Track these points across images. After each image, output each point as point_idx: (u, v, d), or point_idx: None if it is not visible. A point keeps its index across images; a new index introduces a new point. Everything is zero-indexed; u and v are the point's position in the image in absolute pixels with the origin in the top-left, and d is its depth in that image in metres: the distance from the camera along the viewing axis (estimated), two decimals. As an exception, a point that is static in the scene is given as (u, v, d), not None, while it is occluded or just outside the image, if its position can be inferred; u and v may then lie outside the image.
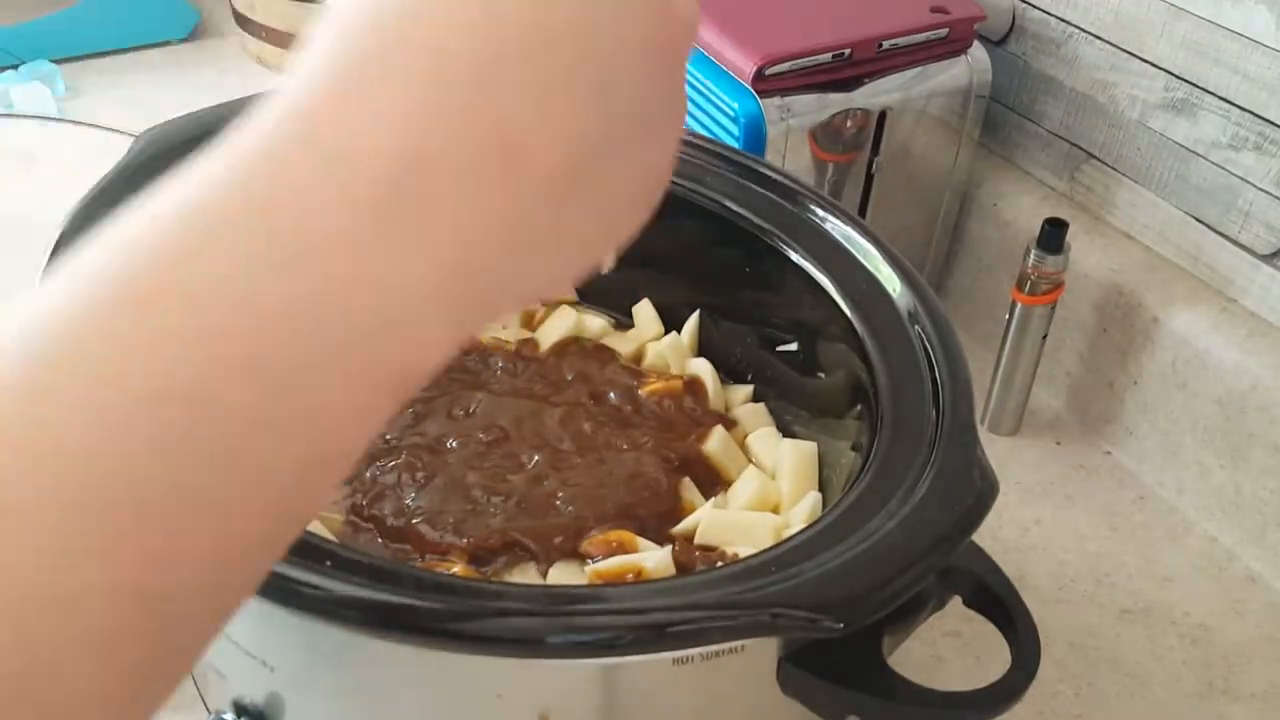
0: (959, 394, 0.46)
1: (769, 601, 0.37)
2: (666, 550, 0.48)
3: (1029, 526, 0.67)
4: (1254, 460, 0.64)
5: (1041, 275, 0.67)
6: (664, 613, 0.37)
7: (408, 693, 0.40)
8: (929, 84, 0.71)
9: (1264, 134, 0.63)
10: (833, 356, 0.54)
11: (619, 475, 0.52)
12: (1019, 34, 0.77)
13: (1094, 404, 0.74)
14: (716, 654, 0.38)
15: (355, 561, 0.37)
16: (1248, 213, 0.65)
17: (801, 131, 0.67)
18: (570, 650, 0.37)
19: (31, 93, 0.95)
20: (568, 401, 0.57)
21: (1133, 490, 0.70)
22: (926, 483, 0.42)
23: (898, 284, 0.51)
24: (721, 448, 0.55)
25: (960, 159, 0.75)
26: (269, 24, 1.00)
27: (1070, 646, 0.61)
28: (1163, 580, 0.65)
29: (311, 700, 0.43)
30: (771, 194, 0.57)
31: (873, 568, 0.39)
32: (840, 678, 0.39)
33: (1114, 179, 0.73)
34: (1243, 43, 0.63)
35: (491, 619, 0.36)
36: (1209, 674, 0.60)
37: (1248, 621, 0.63)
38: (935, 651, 0.59)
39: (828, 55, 0.67)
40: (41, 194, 0.87)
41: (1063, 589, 0.64)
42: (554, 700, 0.39)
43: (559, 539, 0.49)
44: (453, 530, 0.49)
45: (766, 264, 0.56)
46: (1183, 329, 0.67)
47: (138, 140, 0.53)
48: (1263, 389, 0.63)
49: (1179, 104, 0.68)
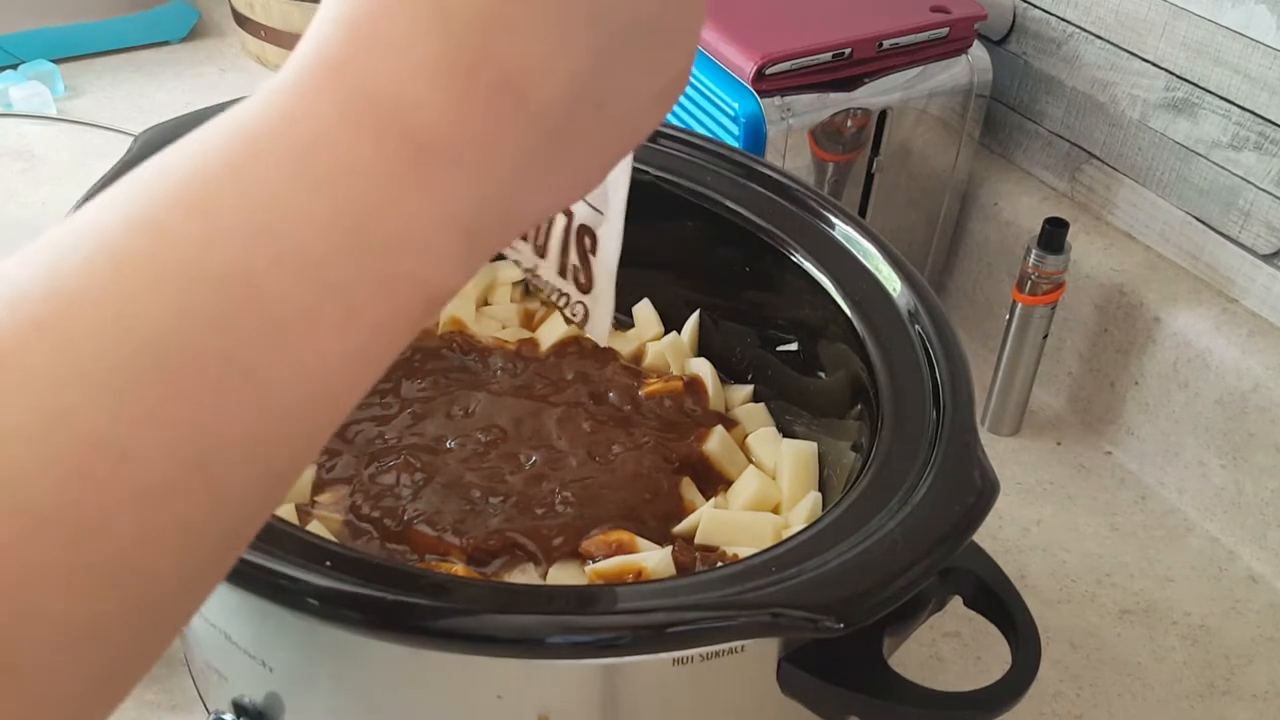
0: (959, 394, 0.46)
1: (769, 602, 0.37)
2: (666, 550, 0.48)
3: (1029, 526, 0.67)
4: (1255, 460, 0.64)
5: (1042, 275, 0.67)
6: (664, 613, 0.37)
7: (408, 693, 0.40)
8: (929, 84, 0.71)
9: (1264, 134, 0.63)
10: (833, 356, 0.54)
11: (619, 475, 0.52)
12: (1019, 33, 0.77)
13: (1094, 404, 0.73)
14: (716, 654, 0.38)
15: (355, 561, 0.37)
16: (1248, 213, 0.65)
17: (801, 131, 0.67)
18: (570, 650, 0.37)
19: (31, 93, 0.95)
20: (567, 401, 0.56)
21: (1133, 490, 0.70)
22: (926, 483, 0.42)
23: (898, 284, 0.51)
24: (721, 448, 0.55)
25: (960, 159, 0.75)
26: (269, 24, 1.00)
27: (1070, 646, 0.60)
28: (1163, 580, 0.65)
29: (311, 700, 0.43)
30: (771, 194, 0.57)
31: (873, 568, 0.39)
32: (840, 678, 0.39)
33: (1114, 179, 0.73)
34: (1243, 42, 0.63)
35: (491, 619, 0.36)
36: (1209, 674, 0.60)
37: (1248, 621, 0.63)
38: (935, 651, 0.59)
39: (828, 55, 0.67)
40: (41, 194, 0.87)
41: (1063, 589, 0.64)
42: (554, 700, 0.39)
43: (559, 539, 0.49)
44: (452, 530, 0.49)
45: (766, 264, 0.56)
46: (1184, 329, 0.67)
47: (137, 140, 0.53)
48: (1264, 389, 0.63)
49: (1179, 104, 0.68)
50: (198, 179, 0.22)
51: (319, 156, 0.23)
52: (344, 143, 0.23)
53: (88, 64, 1.02)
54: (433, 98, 0.23)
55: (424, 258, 0.24)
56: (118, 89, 1.00)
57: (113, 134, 0.94)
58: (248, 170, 0.22)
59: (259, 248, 0.22)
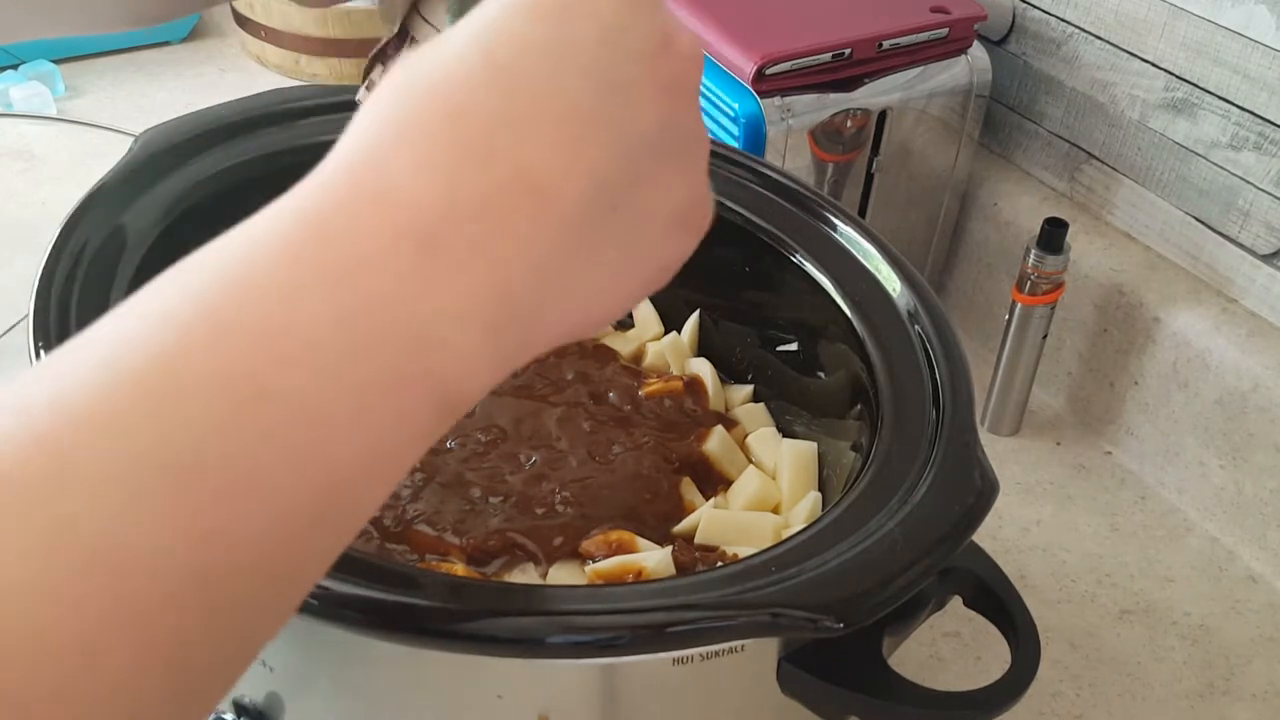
0: (959, 394, 0.46)
1: (769, 601, 0.37)
2: (666, 550, 0.48)
3: (1029, 526, 0.67)
4: (1255, 460, 0.64)
5: (1041, 275, 0.67)
6: (664, 613, 0.37)
7: (408, 693, 0.40)
8: (929, 84, 0.71)
9: (1264, 134, 0.63)
10: (833, 356, 0.54)
11: (619, 475, 0.52)
12: (1019, 34, 0.77)
13: (1094, 404, 0.73)
14: (716, 654, 0.38)
15: (355, 561, 0.37)
16: (1248, 213, 0.65)
17: (801, 131, 0.67)
18: (570, 650, 0.37)
19: (31, 93, 0.95)
20: (567, 401, 0.57)
21: (1133, 490, 0.70)
22: (926, 483, 0.42)
23: (898, 284, 0.51)
24: (721, 448, 0.55)
25: (960, 159, 0.75)
26: (269, 24, 1.00)
27: (1070, 646, 0.61)
28: (1163, 580, 0.65)
29: (311, 700, 0.43)
30: (771, 194, 0.57)
31: (873, 568, 0.39)
32: (840, 678, 0.39)
33: (1114, 179, 0.73)
34: (1243, 43, 0.63)
35: (491, 619, 0.36)
36: (1209, 674, 0.60)
37: (1248, 621, 0.63)
38: (935, 651, 0.59)
39: (828, 55, 0.67)
40: (41, 194, 0.87)
41: (1063, 589, 0.64)
42: (554, 700, 0.39)
43: (559, 539, 0.49)
44: (452, 530, 0.49)
45: (766, 264, 0.56)
46: (1183, 329, 0.67)
47: (137, 140, 0.53)
48: (1263, 389, 0.63)
49: (1179, 104, 0.68)
50: (207, 281, 0.22)
51: (328, 253, 0.23)
52: (353, 238, 0.23)
53: (88, 64, 1.02)
54: (443, 192, 0.24)
55: (440, 354, 0.24)
56: (118, 89, 1.00)
57: (113, 134, 0.94)
58: (255, 270, 0.22)
59: (265, 347, 0.22)
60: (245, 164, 0.54)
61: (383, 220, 0.23)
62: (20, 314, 0.70)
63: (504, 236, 0.24)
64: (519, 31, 0.25)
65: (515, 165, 0.24)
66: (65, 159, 0.91)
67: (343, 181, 0.24)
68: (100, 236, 0.48)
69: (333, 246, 0.23)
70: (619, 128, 0.26)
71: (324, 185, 0.24)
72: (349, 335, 0.22)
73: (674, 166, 0.28)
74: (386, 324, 0.23)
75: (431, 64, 0.25)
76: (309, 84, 0.82)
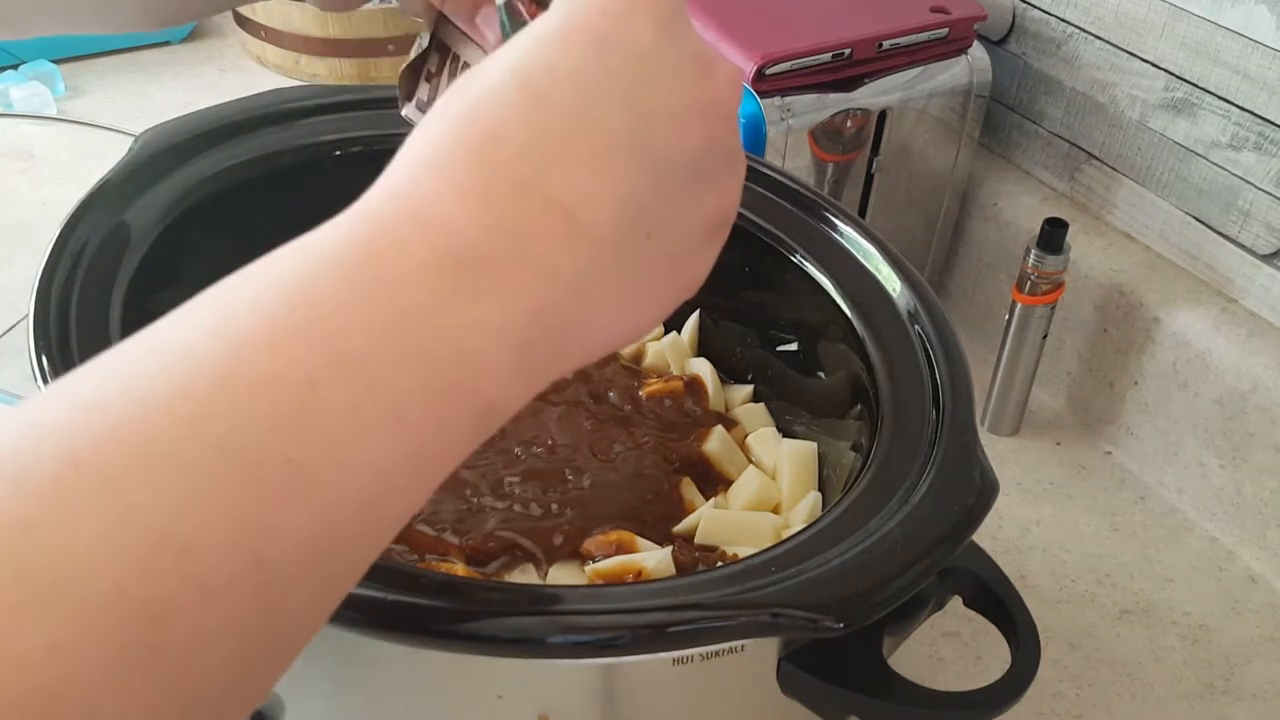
0: (959, 394, 0.46)
1: (769, 601, 0.37)
2: (666, 550, 0.48)
3: (1029, 526, 0.67)
4: (1254, 460, 0.64)
5: (1041, 275, 0.67)
6: (664, 613, 0.37)
7: (408, 693, 0.40)
8: (929, 84, 0.71)
9: (1264, 134, 0.63)
10: (833, 356, 0.54)
11: (619, 475, 0.52)
12: (1019, 34, 0.77)
13: (1094, 404, 0.74)
14: (716, 654, 0.38)
15: (355, 561, 0.37)
16: (1248, 213, 0.65)
17: (801, 131, 0.67)
18: (570, 650, 0.37)
19: (31, 93, 0.95)
20: (567, 401, 0.57)
21: (1133, 490, 0.70)
22: (926, 483, 0.42)
23: (898, 284, 0.51)
24: (721, 448, 0.55)
25: (960, 159, 0.75)
26: (269, 24, 1.00)
27: (1070, 646, 0.61)
28: (1163, 580, 0.65)
29: (311, 700, 0.43)
30: (771, 194, 0.57)
31: (873, 568, 0.39)
32: (840, 678, 0.39)
33: (1114, 179, 0.73)
34: (1243, 43, 0.63)
35: (491, 619, 0.36)
36: (1209, 674, 0.60)
37: (1248, 621, 0.63)
38: (935, 651, 0.59)
39: (828, 55, 0.67)
40: (41, 194, 0.87)
41: (1063, 589, 0.64)
42: (554, 700, 0.39)
43: (559, 539, 0.49)
44: (451, 530, 0.49)
45: (766, 264, 0.56)
46: (1183, 329, 0.67)
47: (138, 140, 0.53)
48: (1263, 389, 0.63)
49: (1179, 104, 0.68)
50: (267, 290, 0.24)
51: (374, 270, 0.24)
52: (396, 257, 0.25)
53: (88, 64, 1.02)
54: (478, 217, 0.25)
55: (475, 368, 0.25)
56: (118, 89, 1.00)
57: (113, 134, 0.94)
58: (310, 282, 0.24)
59: (320, 352, 0.23)
60: (245, 164, 0.54)
61: (424, 242, 0.25)
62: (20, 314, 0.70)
63: (536, 260, 0.26)
64: (553, 62, 0.27)
65: (547, 193, 0.26)
66: (65, 159, 0.91)
67: (389, 205, 0.26)
68: (100, 236, 0.48)
69: (378, 264, 0.24)
70: (654, 155, 0.27)
71: (372, 207, 0.26)
72: (391, 347, 0.24)
73: (710, 186, 0.29)
74: (424, 338, 0.24)
75: (471, 93, 0.27)
76: (309, 84, 0.82)
